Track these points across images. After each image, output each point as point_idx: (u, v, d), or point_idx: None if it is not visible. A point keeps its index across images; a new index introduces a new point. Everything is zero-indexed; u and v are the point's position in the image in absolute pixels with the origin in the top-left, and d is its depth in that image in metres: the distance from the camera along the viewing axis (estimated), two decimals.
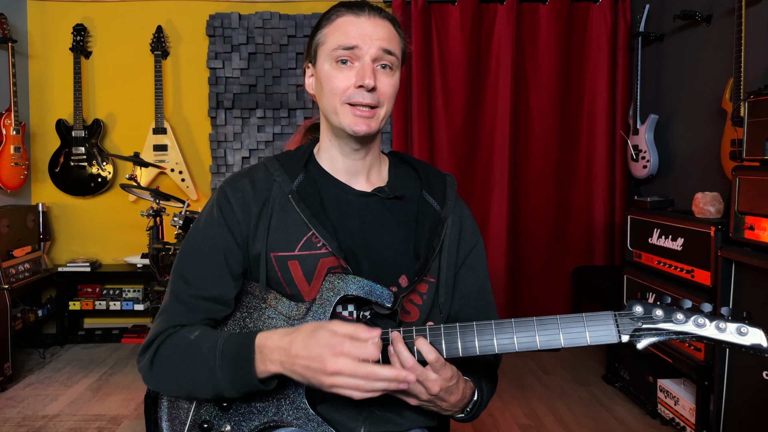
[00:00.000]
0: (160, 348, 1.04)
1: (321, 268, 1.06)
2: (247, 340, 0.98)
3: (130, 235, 3.86)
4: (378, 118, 1.07)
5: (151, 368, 1.04)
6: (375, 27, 1.05)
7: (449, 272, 1.13)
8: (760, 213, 2.00)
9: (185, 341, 1.02)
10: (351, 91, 1.04)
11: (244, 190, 1.10)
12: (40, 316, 3.66)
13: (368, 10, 1.06)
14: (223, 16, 3.78)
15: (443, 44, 3.75)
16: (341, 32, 1.05)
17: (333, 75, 1.05)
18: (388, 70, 1.06)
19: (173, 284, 1.07)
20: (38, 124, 3.88)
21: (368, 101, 1.04)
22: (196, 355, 1.00)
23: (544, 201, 3.82)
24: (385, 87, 1.05)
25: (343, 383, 0.89)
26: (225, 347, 0.99)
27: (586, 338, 0.93)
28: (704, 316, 0.91)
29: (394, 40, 1.08)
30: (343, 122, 1.06)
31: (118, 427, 2.59)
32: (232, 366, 0.97)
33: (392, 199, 1.14)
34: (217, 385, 0.98)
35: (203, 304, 1.05)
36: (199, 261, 1.06)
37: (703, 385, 2.30)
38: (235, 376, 0.97)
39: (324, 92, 1.08)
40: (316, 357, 0.90)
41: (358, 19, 1.05)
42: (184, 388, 1.02)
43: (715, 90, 2.90)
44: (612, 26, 3.74)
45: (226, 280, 1.06)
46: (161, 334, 1.04)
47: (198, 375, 0.99)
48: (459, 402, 1.01)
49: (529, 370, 3.32)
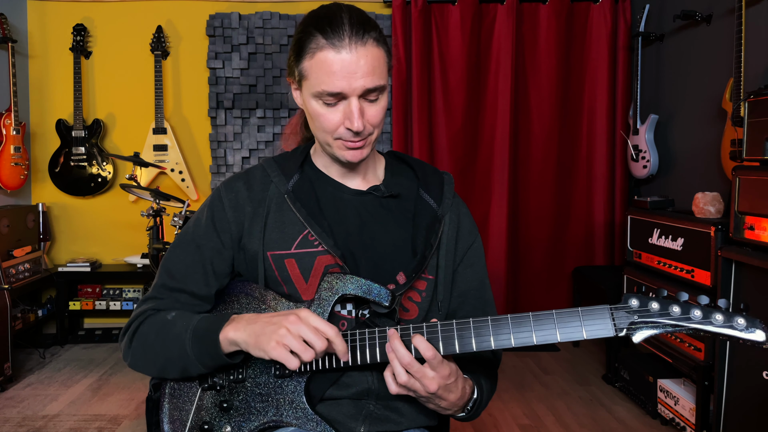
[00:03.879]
0: (140, 327, 1.10)
1: (318, 265, 1.07)
2: (223, 316, 1.04)
3: (130, 235, 3.86)
4: (370, 144, 1.07)
5: (130, 346, 1.10)
6: (358, 60, 0.98)
7: (447, 270, 1.14)
8: (760, 213, 2.00)
9: (162, 320, 1.08)
10: (341, 130, 1.03)
11: (237, 191, 1.12)
12: (40, 316, 3.66)
13: (348, 39, 0.97)
14: (223, 16, 3.79)
15: (443, 44, 3.76)
16: (323, 72, 0.99)
17: (321, 113, 1.03)
18: (375, 95, 1.03)
19: (159, 275, 1.13)
20: (38, 124, 3.88)
21: (358, 138, 1.04)
22: (169, 332, 1.06)
23: (544, 201, 3.82)
24: (372, 117, 1.04)
25: (292, 342, 0.92)
26: (199, 323, 1.04)
27: (582, 333, 0.93)
28: (701, 309, 0.90)
29: (379, 66, 1.01)
30: (337, 153, 1.07)
31: (118, 427, 2.59)
32: (200, 340, 1.02)
33: (388, 197, 1.14)
34: (185, 360, 1.04)
35: (183, 297, 1.10)
36: (185, 256, 1.11)
37: (703, 385, 2.30)
38: (201, 349, 1.02)
39: (314, 125, 1.07)
40: (282, 314, 0.97)
41: (338, 55, 0.97)
42: (156, 363, 1.08)
43: (715, 90, 2.90)
44: (612, 26, 3.74)
45: (207, 279, 1.10)
46: (141, 315, 1.10)
47: (169, 350, 1.05)
48: (458, 401, 1.01)
49: (529, 370, 3.31)
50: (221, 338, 1.00)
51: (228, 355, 1.01)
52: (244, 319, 1.01)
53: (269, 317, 0.98)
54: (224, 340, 1.00)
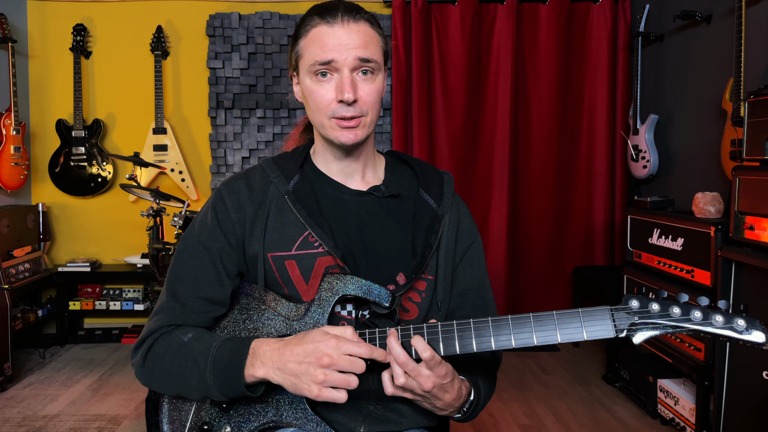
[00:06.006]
0: (153, 346, 1.06)
1: (318, 267, 1.06)
2: (242, 345, 1.00)
3: (130, 235, 3.86)
4: (364, 126, 1.07)
5: (143, 365, 1.06)
6: (350, 34, 1.02)
7: (447, 269, 1.14)
8: (760, 213, 2.00)
9: (177, 342, 1.04)
10: (334, 105, 1.04)
11: (239, 192, 1.11)
12: (40, 316, 3.66)
13: (341, 16, 1.03)
14: (223, 16, 3.78)
15: (443, 44, 3.76)
16: (317, 45, 1.03)
17: (314, 90, 1.05)
18: (369, 75, 1.05)
19: (169, 284, 1.09)
20: (38, 124, 3.88)
21: (351, 113, 1.04)
22: (186, 358, 1.01)
23: (544, 201, 3.82)
24: (366, 95, 1.04)
25: (334, 380, 0.91)
26: (218, 353, 1.00)
27: (583, 334, 0.93)
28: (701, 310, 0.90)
29: (372, 43, 1.04)
30: (331, 135, 1.07)
31: (118, 427, 2.59)
32: (222, 372, 0.98)
33: (388, 197, 1.14)
34: (205, 389, 1.00)
35: (198, 303, 1.07)
36: (194, 261, 1.08)
37: (703, 385, 2.30)
38: (224, 383, 0.99)
39: (309, 106, 1.08)
40: (310, 350, 0.93)
41: (331, 29, 1.02)
42: (173, 388, 1.05)
43: (715, 90, 2.90)
44: (612, 26, 3.74)
45: (221, 279, 1.08)
46: (155, 332, 1.06)
47: (188, 378, 1.01)
48: (454, 401, 1.01)
49: (529, 370, 3.31)
50: (246, 375, 0.97)
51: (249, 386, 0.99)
52: (268, 355, 0.97)
53: (296, 355, 0.94)
54: (250, 377, 0.97)
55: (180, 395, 1.06)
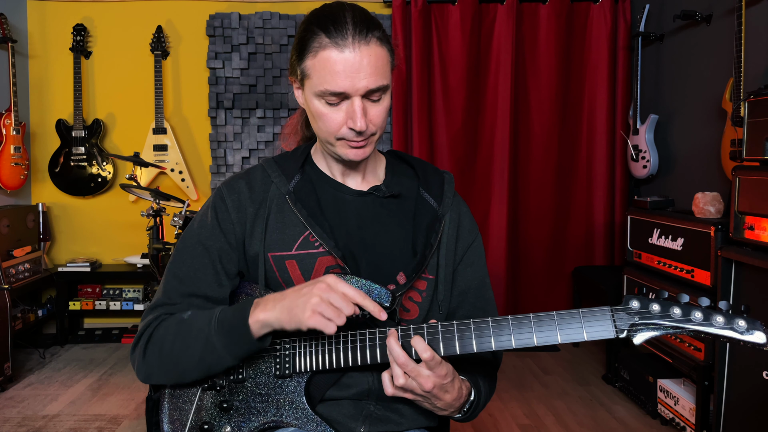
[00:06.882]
0: (153, 334, 1.05)
1: (319, 267, 1.07)
2: (245, 302, 1.01)
3: (130, 235, 3.86)
4: (372, 143, 1.06)
5: (144, 356, 1.05)
6: (362, 59, 0.97)
7: (447, 269, 1.14)
8: (760, 213, 2.00)
9: (177, 320, 1.04)
10: (344, 130, 1.02)
11: (240, 192, 1.10)
12: (40, 316, 3.66)
13: (351, 37, 0.96)
14: (223, 16, 3.78)
15: (443, 44, 3.76)
16: (327, 71, 0.98)
17: (324, 113, 1.02)
18: (378, 95, 1.02)
19: (166, 282, 1.09)
20: (38, 124, 3.88)
21: (361, 138, 1.03)
22: (190, 329, 1.02)
23: (544, 201, 3.83)
24: (375, 116, 1.03)
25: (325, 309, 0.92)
26: (221, 314, 1.01)
27: (583, 334, 0.93)
28: (702, 311, 0.90)
29: (382, 66, 1.00)
30: (339, 152, 1.06)
31: (118, 427, 2.59)
32: (228, 329, 0.99)
33: (389, 197, 1.14)
34: (211, 354, 1.00)
35: (195, 301, 1.07)
36: (193, 260, 1.08)
37: (703, 385, 2.30)
38: (230, 338, 0.99)
39: (317, 125, 1.06)
40: (309, 284, 0.96)
41: (341, 54, 0.96)
42: (177, 367, 1.03)
43: (715, 90, 2.90)
44: (612, 26, 3.74)
45: (219, 279, 1.08)
46: (152, 324, 1.06)
47: (192, 348, 1.01)
48: (455, 401, 1.01)
49: (529, 370, 3.31)
50: (251, 322, 0.97)
51: (259, 338, 0.99)
52: (270, 299, 0.98)
53: (297, 290, 0.96)
54: (255, 323, 0.97)
55: (181, 379, 1.05)
